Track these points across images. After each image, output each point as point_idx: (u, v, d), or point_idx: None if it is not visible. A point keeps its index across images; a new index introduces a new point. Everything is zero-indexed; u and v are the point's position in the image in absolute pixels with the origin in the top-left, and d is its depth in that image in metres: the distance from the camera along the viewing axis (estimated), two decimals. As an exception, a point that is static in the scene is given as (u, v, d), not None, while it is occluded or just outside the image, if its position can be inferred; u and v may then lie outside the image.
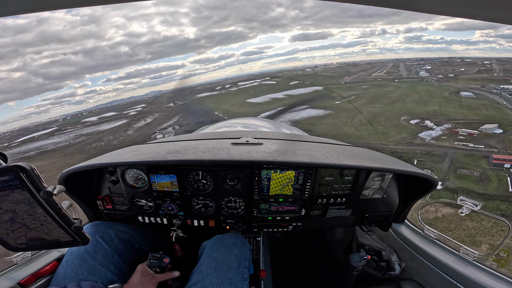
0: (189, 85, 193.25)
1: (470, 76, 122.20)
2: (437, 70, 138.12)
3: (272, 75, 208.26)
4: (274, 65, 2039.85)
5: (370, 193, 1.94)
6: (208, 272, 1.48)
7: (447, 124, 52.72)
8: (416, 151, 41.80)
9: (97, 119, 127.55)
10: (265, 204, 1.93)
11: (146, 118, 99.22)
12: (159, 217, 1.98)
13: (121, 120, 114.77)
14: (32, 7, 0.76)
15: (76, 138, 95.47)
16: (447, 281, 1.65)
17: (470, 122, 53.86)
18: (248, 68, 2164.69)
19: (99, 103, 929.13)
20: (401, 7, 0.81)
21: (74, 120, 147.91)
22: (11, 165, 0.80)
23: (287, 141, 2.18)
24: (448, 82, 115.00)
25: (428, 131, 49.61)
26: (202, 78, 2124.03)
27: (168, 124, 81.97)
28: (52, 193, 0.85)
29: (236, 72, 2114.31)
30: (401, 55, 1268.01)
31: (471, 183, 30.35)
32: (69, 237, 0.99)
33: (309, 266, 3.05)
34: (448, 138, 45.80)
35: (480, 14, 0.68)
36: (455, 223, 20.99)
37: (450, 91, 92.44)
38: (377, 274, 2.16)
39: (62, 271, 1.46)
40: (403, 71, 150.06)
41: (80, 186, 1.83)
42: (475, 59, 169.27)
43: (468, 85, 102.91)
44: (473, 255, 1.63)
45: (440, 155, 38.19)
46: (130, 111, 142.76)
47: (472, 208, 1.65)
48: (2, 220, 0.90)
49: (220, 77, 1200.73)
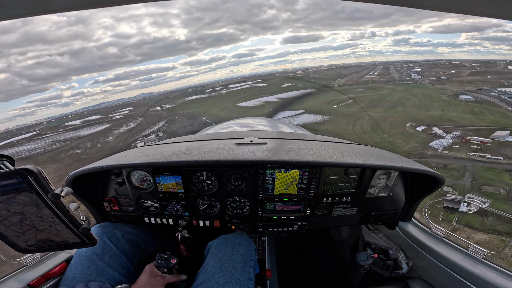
0: (180, 87, 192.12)
1: (463, 78, 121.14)
2: (428, 72, 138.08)
3: (264, 78, 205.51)
4: (266, 68, 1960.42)
5: (375, 191, 1.92)
6: (213, 272, 1.48)
7: (456, 131, 50.09)
8: (431, 164, 37.24)
9: (81, 123, 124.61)
10: (270, 204, 1.92)
11: (129, 123, 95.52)
12: (165, 218, 1.99)
13: (104, 125, 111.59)
14: (33, 11, 0.77)
15: (53, 144, 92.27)
16: (456, 279, 1.62)
17: (480, 129, 52.13)
18: (240, 71, 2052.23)
19: (86, 105, 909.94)
20: (407, 4, 0.80)
21: (57, 123, 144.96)
22: (19, 168, 0.81)
23: (291, 140, 2.18)
24: (442, 84, 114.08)
25: (439, 140, 46.68)
26: (193, 80, 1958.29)
27: (152, 130, 79.14)
28: (59, 195, 0.86)
29: (228, 74, 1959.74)
30: (389, 57, 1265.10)
31: (500, 203, 26.99)
32: (77, 239, 1.00)
33: (315, 265, 3.04)
34: (461, 147, 42.75)
35: (485, 11, 0.68)
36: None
37: (447, 94, 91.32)
38: (384, 273, 2.14)
39: (71, 272, 1.48)
40: (394, 73, 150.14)
41: (87, 188, 1.86)
42: (463, 61, 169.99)
43: (463, 87, 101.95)
44: (482, 253, 1.60)
45: (459, 169, 35.22)
46: (116, 115, 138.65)
47: (481, 206, 1.63)
48: (11, 222, 0.92)
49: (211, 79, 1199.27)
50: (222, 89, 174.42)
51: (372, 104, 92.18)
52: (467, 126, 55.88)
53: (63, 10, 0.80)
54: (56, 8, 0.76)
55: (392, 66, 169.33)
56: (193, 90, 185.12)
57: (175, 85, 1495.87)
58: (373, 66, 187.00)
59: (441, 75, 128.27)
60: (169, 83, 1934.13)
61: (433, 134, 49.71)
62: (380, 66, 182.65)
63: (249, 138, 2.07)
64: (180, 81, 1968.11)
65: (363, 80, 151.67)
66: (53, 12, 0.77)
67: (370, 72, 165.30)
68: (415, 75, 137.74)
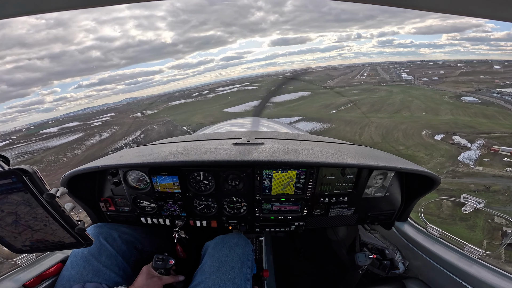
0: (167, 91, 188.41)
1: (455, 79, 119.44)
2: (417, 73, 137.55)
3: (253, 80, 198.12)
4: (254, 70, 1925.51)
5: (372, 191, 1.93)
6: (211, 272, 1.48)
7: (480, 139, 43.69)
8: (469, 185, 30.51)
9: (57, 130, 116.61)
10: (267, 204, 1.93)
11: (104, 132, 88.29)
12: (162, 218, 1.99)
13: (77, 134, 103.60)
14: (31, 9, 0.77)
15: (18, 157, 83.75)
16: (452, 279, 1.64)
17: (502, 136, 46.34)
18: (228, 74, 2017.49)
19: (70, 111, 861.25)
20: (403, 5, 0.81)
21: (34, 130, 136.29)
22: (13, 168, 0.81)
23: (288, 140, 2.18)
24: (436, 85, 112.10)
25: (466, 152, 39.60)
26: (181, 84, 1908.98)
27: (125, 142, 71.59)
28: (55, 195, 0.85)
29: (216, 77, 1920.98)
30: (374, 59, 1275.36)
31: None
32: (72, 239, 0.99)
33: (312, 265, 3.05)
34: (492, 160, 36.21)
35: (480, 12, 0.68)
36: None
37: (448, 96, 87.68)
38: (381, 273, 2.15)
39: (67, 272, 1.47)
40: (383, 74, 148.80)
41: (83, 188, 1.84)
42: (447, 61, 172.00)
43: (459, 88, 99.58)
44: (477, 253, 1.62)
45: (504, 191, 28.24)
46: (95, 122, 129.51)
47: (476, 206, 1.64)
48: (5, 222, 0.91)
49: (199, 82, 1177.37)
50: (210, 92, 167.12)
51: (374, 108, 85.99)
52: (488, 133, 48.73)
53: (57, 9, 0.80)
54: (49, 8, 0.76)
55: (379, 67, 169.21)
56: (180, 94, 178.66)
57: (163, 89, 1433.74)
58: (360, 68, 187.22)
59: (431, 75, 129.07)
60: (156, 87, 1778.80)
61: (457, 145, 42.58)
62: (368, 67, 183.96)
63: (246, 138, 2.07)
64: (167, 85, 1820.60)
65: (354, 81, 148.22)
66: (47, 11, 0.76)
67: (359, 73, 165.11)
68: (405, 75, 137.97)
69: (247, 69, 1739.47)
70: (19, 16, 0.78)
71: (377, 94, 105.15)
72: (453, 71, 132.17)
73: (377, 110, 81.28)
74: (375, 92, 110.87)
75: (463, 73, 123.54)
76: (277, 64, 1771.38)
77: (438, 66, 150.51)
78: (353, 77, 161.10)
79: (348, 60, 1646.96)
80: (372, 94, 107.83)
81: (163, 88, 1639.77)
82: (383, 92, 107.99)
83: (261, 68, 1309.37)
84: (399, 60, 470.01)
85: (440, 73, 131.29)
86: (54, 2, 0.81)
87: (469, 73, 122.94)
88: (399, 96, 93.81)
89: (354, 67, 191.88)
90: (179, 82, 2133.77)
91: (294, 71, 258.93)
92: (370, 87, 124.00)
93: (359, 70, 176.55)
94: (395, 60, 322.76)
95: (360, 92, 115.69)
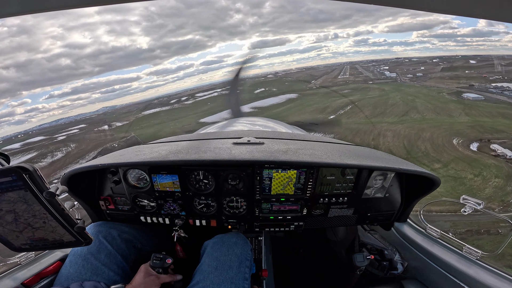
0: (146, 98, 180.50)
1: (441, 74, 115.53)
2: (398, 70, 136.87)
3: None
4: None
5: (372, 192, 1.93)
6: (209, 271, 1.48)
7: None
8: None
9: (20, 146, 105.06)
10: (267, 204, 1.92)
11: (57, 152, 78.00)
12: (161, 217, 1.98)
13: (30, 153, 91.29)
14: (31, 8, 0.76)
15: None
16: (450, 280, 1.64)
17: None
18: (209, 78, 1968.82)
19: (43, 122, 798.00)
20: (403, 5, 0.81)
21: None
22: (14, 166, 0.81)
23: (289, 140, 2.18)
24: (424, 82, 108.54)
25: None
26: (160, 90, 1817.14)
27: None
28: (55, 193, 0.85)
29: (197, 82, 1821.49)
30: (351, 58, 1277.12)
31: None
32: (72, 238, 0.99)
33: (311, 265, 3.05)
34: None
35: (482, 13, 0.68)
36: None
37: (446, 93, 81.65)
38: (380, 274, 2.15)
39: (66, 271, 1.47)
40: (366, 72, 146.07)
41: (83, 186, 1.84)
42: (421, 58, 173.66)
43: (451, 84, 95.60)
44: (476, 254, 1.62)
45: None
46: (61, 136, 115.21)
47: (475, 207, 1.64)
48: (5, 221, 0.91)
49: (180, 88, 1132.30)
50: (189, 98, 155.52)
51: (377, 110, 72.82)
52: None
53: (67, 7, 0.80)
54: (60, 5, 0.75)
55: (358, 65, 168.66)
56: (159, 101, 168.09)
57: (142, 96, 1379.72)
58: (340, 67, 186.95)
59: (413, 72, 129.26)
60: (135, 95, 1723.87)
61: (502, 156, 34.60)
62: (347, 66, 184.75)
63: (246, 137, 2.07)
64: (146, 92, 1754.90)
65: (338, 80, 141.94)
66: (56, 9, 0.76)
67: (341, 73, 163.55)
68: (388, 73, 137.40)
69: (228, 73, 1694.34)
70: (18, 15, 0.78)
71: (371, 93, 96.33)
72: (432, 67, 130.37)
73: (383, 113, 69.35)
74: (367, 91, 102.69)
75: (444, 68, 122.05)
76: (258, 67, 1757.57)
77: (414, 63, 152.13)
78: (336, 76, 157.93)
79: (326, 60, 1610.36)
80: (365, 93, 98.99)
81: (142, 96, 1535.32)
82: (376, 91, 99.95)
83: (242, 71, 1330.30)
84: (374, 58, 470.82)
85: (421, 69, 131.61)
86: (52, 1, 0.81)
87: (450, 68, 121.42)
88: (396, 95, 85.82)
89: (334, 67, 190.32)
90: (159, 88, 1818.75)
91: (276, 72, 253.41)
92: (359, 86, 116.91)
93: (339, 69, 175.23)
94: (371, 59, 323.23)
95: (352, 92, 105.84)
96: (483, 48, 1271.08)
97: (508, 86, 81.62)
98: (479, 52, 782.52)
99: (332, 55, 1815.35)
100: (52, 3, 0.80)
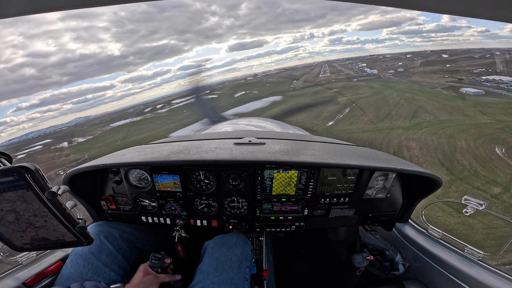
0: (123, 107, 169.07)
1: (423, 69, 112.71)
2: (375, 66, 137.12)
3: (213, 88, 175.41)
4: (214, 78, 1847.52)
5: (373, 192, 1.93)
6: (209, 272, 1.48)
7: None
8: None
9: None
10: (268, 204, 1.92)
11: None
12: (162, 217, 1.99)
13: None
14: (32, 8, 0.77)
15: None
16: (452, 281, 1.63)
17: None
18: (188, 83, 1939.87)
19: (13, 137, 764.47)
20: (403, 5, 0.80)
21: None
22: (15, 165, 0.81)
23: (290, 140, 2.18)
24: (409, 77, 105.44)
25: None
26: (137, 98, 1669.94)
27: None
28: (56, 193, 0.86)
29: (175, 88, 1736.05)
30: (327, 57, 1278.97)
31: None
32: (73, 237, 0.99)
33: (312, 266, 3.04)
34: None
35: (485, 13, 0.68)
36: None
37: (441, 88, 75.33)
38: (381, 274, 2.15)
39: (66, 271, 1.47)
40: (346, 70, 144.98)
41: (84, 186, 1.85)
42: (395, 54, 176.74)
43: (438, 79, 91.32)
44: (477, 255, 1.61)
45: None
46: (21, 154, 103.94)
47: (477, 208, 1.64)
48: (6, 220, 0.91)
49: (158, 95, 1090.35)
50: (165, 106, 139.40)
51: (381, 112, 60.20)
52: None
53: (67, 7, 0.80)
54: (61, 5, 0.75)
55: (336, 64, 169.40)
56: (134, 110, 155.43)
57: (118, 105, 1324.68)
58: (319, 66, 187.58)
59: (392, 68, 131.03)
60: (110, 104, 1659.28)
61: None
62: (325, 65, 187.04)
63: (247, 138, 2.07)
64: (123, 100, 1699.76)
65: (320, 79, 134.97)
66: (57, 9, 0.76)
67: (321, 71, 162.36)
68: (368, 70, 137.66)
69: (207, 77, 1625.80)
70: (18, 15, 0.78)
71: (362, 91, 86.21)
72: (409, 62, 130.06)
73: (389, 116, 56.66)
74: (356, 89, 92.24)
75: (423, 63, 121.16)
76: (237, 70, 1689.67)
77: (388, 59, 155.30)
78: (317, 75, 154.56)
79: (304, 60, 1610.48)
80: (355, 92, 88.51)
81: (118, 104, 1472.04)
82: (365, 88, 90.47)
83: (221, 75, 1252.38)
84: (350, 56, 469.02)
85: (400, 65, 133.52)
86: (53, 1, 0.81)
87: (428, 63, 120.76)
88: (392, 93, 76.74)
89: (312, 66, 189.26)
90: (136, 96, 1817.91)
91: (255, 74, 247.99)
92: (346, 84, 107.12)
93: (318, 68, 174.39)
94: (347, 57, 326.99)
95: (341, 91, 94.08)
96: (447, 43, 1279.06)
97: (500, 79, 79.23)
98: (443, 47, 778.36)
99: (309, 55, 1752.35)
100: (52, 3, 0.80)
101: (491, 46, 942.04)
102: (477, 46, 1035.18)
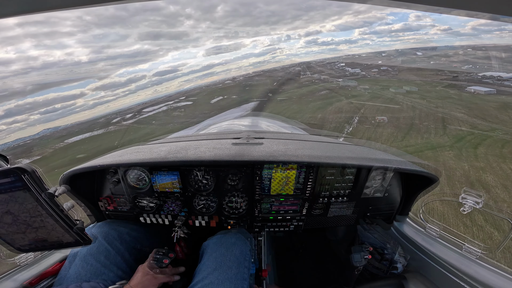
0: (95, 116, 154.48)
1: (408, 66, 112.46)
2: (355, 66, 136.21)
3: (188, 94, 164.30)
4: (192, 83, 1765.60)
5: (371, 191, 1.94)
6: (208, 272, 1.48)
7: None
8: None
9: None
10: (266, 204, 1.93)
11: None
12: (161, 218, 1.99)
13: None
14: (30, 8, 0.76)
15: None
16: (450, 279, 1.64)
17: None
18: (165, 89, 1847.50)
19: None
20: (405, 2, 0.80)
21: None
22: (13, 167, 0.81)
23: (288, 140, 2.18)
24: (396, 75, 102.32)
25: None
26: (111, 106, 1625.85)
27: None
28: (54, 194, 0.86)
29: (152, 94, 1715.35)
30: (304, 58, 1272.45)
31: None
32: (71, 238, 0.99)
33: (311, 265, 3.05)
34: None
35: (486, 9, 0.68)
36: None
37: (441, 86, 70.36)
38: (379, 273, 2.16)
39: (65, 272, 1.47)
40: (327, 71, 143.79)
41: (82, 187, 1.84)
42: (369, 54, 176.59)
43: (430, 77, 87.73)
44: (475, 252, 1.62)
45: None
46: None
47: (475, 206, 1.65)
48: (5, 221, 0.91)
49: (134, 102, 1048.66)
50: (135, 115, 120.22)
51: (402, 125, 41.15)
52: None
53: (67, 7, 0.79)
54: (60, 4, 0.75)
55: (315, 64, 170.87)
56: (105, 119, 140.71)
57: (90, 114, 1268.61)
58: (298, 67, 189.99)
59: (374, 67, 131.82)
60: (82, 113, 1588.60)
61: None
62: (304, 66, 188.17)
63: (246, 137, 2.08)
64: (95, 109, 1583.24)
65: (302, 81, 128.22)
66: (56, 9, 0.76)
67: (302, 72, 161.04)
68: (350, 69, 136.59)
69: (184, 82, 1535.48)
70: (18, 15, 0.78)
71: (354, 93, 76.47)
72: (387, 61, 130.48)
73: (417, 130, 38.62)
74: (348, 91, 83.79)
75: (404, 61, 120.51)
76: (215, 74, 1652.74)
77: (364, 58, 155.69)
78: (297, 74, 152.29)
79: (281, 62, 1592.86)
80: (348, 92, 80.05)
81: (91, 113, 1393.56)
82: (359, 90, 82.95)
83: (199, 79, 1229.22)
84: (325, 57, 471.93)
85: (379, 64, 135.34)
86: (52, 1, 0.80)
87: (409, 61, 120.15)
88: (398, 97, 67.56)
89: (292, 67, 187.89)
90: (109, 104, 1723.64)
91: (233, 78, 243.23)
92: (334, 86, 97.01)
93: (298, 68, 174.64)
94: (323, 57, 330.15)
95: (329, 94, 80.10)
96: (413, 41, 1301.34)
97: (499, 76, 76.93)
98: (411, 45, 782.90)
99: (286, 56, 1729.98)
100: (52, 3, 0.79)
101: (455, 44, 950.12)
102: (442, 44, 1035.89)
